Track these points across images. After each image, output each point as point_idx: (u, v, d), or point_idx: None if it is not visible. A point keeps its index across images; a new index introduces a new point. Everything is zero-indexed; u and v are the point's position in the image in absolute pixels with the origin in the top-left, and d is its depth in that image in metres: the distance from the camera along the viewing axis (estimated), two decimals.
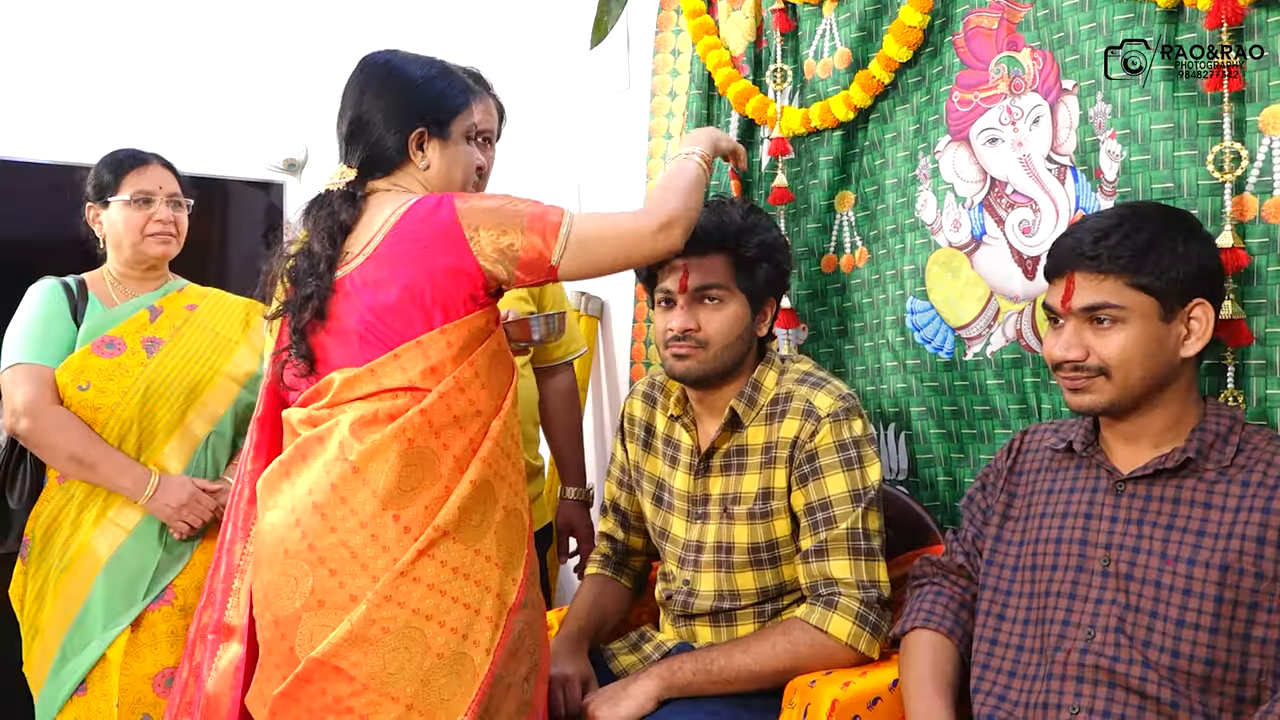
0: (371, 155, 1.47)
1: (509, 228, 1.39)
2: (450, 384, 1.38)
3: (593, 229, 1.41)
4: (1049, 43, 1.64)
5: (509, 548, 1.40)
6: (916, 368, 1.86)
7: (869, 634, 1.51)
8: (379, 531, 1.33)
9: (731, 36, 2.18)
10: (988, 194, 1.75)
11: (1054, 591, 1.31)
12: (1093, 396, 1.29)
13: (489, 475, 1.39)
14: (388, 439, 1.35)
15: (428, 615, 1.33)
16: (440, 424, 1.37)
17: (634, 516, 1.84)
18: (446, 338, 1.38)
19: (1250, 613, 1.18)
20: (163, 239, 2.00)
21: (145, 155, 2.03)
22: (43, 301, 1.97)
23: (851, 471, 1.57)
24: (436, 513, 1.35)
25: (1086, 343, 1.28)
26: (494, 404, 1.42)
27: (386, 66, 1.50)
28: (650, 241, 1.41)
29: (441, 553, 1.34)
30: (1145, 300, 1.25)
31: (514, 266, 1.40)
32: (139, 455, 1.94)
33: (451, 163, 1.50)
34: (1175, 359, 1.27)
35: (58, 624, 1.89)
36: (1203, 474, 1.26)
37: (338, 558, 1.33)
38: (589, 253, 1.40)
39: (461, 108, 1.51)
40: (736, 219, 1.62)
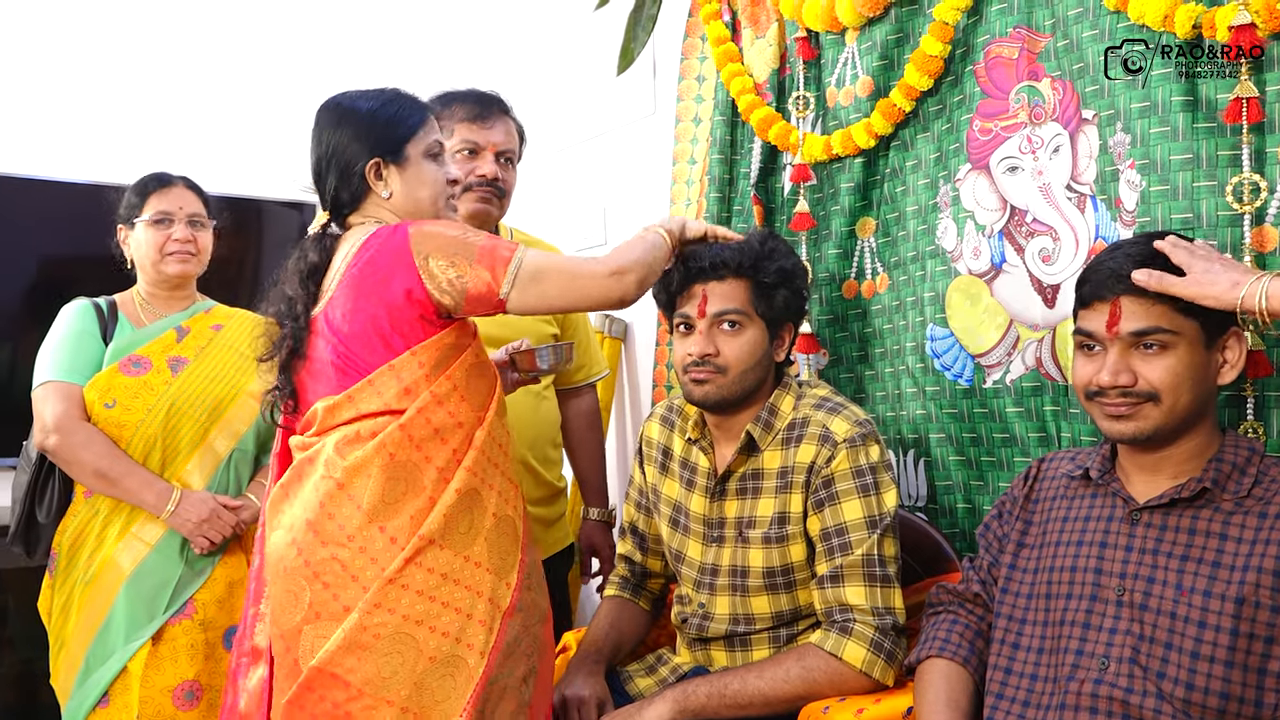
0: (336, 194, 1.51)
1: (459, 259, 1.40)
2: (427, 398, 1.41)
3: (545, 265, 1.42)
4: (1069, 73, 1.65)
5: (500, 553, 1.43)
6: (936, 394, 1.86)
7: (884, 661, 1.50)
8: (366, 544, 1.38)
9: (755, 64, 2.20)
10: (1008, 222, 1.76)
11: (1068, 620, 1.31)
12: (1137, 424, 1.26)
13: (475, 484, 1.42)
14: (369, 455, 1.39)
15: (418, 621, 1.36)
16: (420, 437, 1.41)
17: (652, 539, 1.85)
18: (417, 359, 1.42)
19: (1266, 646, 1.17)
20: (181, 258, 2.04)
21: (170, 177, 2.08)
22: (73, 321, 2.02)
23: (868, 498, 1.57)
24: (422, 523, 1.39)
25: (1134, 368, 1.26)
26: (476, 415, 1.45)
27: (334, 107, 1.54)
28: (603, 284, 1.43)
29: (429, 560, 1.38)
30: (1193, 326, 1.24)
31: (461, 298, 1.41)
32: (163, 471, 1.97)
33: (414, 185, 1.52)
34: (1212, 387, 1.27)
35: (82, 636, 1.93)
36: (1219, 505, 1.25)
37: (330, 571, 1.38)
38: (540, 286, 1.41)
39: (414, 129, 1.52)
40: (755, 245, 1.63)
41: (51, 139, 2.93)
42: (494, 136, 2.03)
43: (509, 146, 2.05)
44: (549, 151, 2.97)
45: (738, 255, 1.61)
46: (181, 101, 3.14)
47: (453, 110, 2.01)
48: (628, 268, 1.43)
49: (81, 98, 3.00)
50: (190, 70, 3.17)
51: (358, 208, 1.52)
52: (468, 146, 2.01)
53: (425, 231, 1.42)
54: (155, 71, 3.11)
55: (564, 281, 1.42)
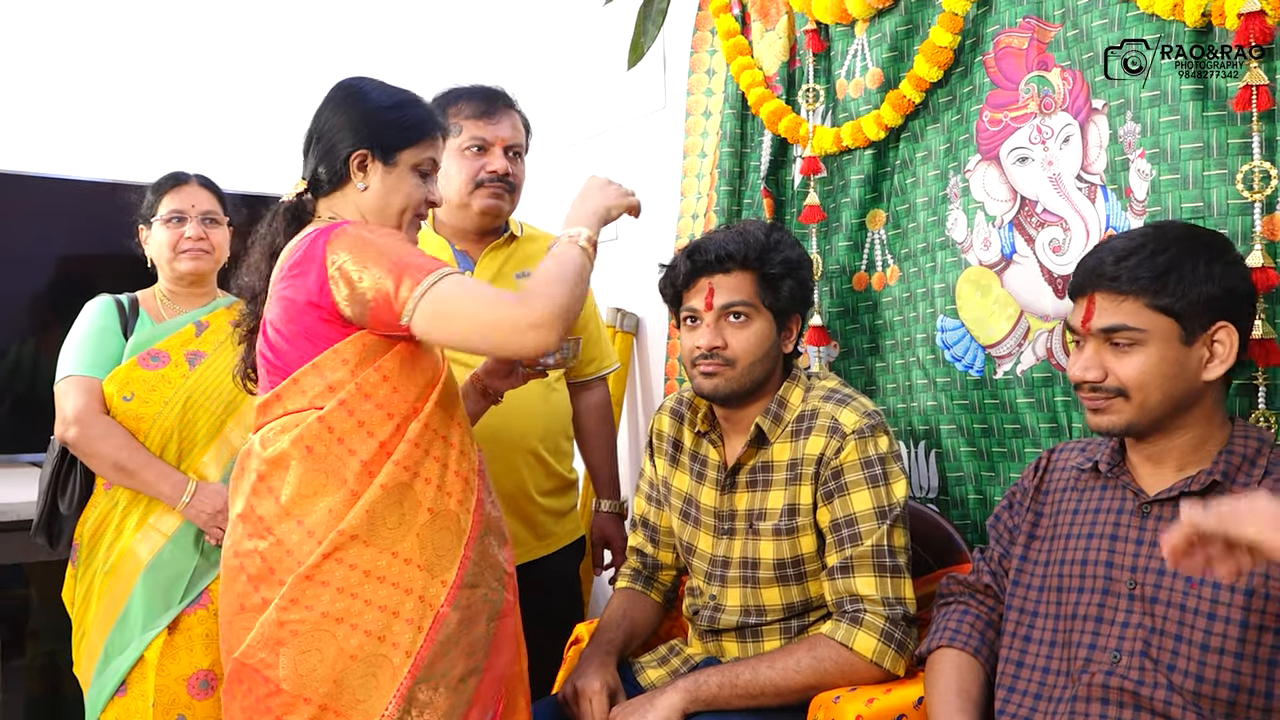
0: (316, 170, 1.49)
1: (369, 269, 1.32)
2: (351, 390, 1.37)
3: (456, 302, 1.30)
4: (1079, 62, 1.64)
5: (436, 550, 1.39)
6: (947, 385, 1.86)
7: (894, 651, 1.51)
8: (283, 537, 1.36)
9: (765, 57, 2.21)
10: (1018, 213, 1.75)
11: (1079, 614, 1.31)
12: (1111, 418, 1.28)
13: (405, 478, 1.37)
14: (286, 449, 1.37)
15: (337, 618, 1.33)
16: (343, 430, 1.36)
17: (663, 531, 1.86)
18: (340, 355, 1.38)
19: (1276, 638, 1.17)
20: (193, 255, 2.07)
21: (184, 176, 2.11)
22: (95, 317, 2.06)
23: (877, 488, 1.57)
24: (342, 517, 1.35)
25: (1105, 363, 1.27)
26: (410, 406, 1.39)
27: (350, 87, 1.51)
28: (519, 336, 1.29)
29: (351, 556, 1.34)
30: (1165, 323, 1.24)
31: (365, 313, 1.34)
32: (179, 463, 2.00)
33: (391, 190, 1.47)
34: (1197, 382, 1.26)
35: (101, 625, 1.96)
36: (1229, 496, 1.24)
37: (253, 564, 1.37)
38: (446, 323, 1.31)
39: (416, 139, 1.48)
40: (760, 237, 1.63)
41: (72, 138, 2.97)
42: (501, 131, 2.04)
43: (516, 140, 2.07)
44: (560, 145, 2.98)
45: (743, 248, 1.62)
46: (200, 99, 3.17)
47: (459, 107, 2.02)
48: (552, 318, 1.29)
49: (101, 97, 3.03)
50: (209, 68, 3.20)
51: (330, 194, 1.49)
52: (476, 143, 2.02)
53: (348, 235, 1.36)
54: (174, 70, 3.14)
55: (473, 325, 1.30)
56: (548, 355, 1.63)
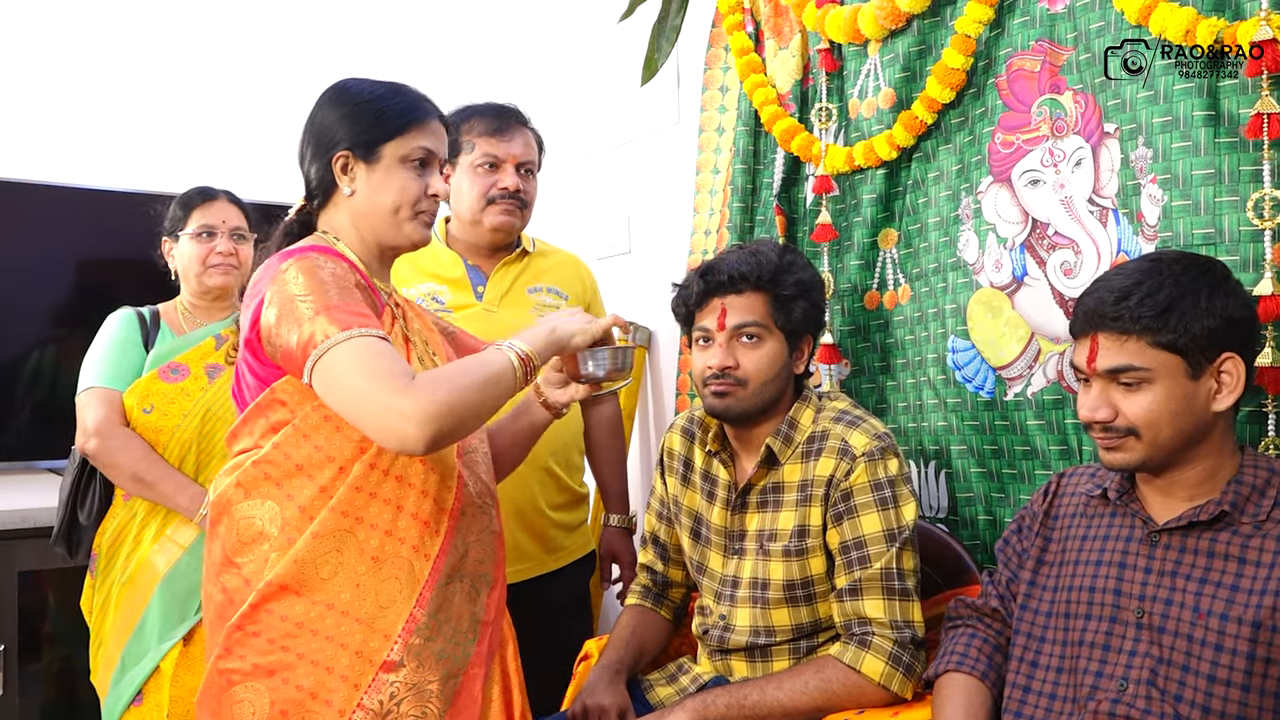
0: (307, 181, 1.43)
1: (288, 316, 1.25)
2: (289, 432, 1.30)
3: (341, 372, 1.20)
4: (1091, 86, 1.65)
5: (380, 600, 1.28)
6: (957, 406, 1.87)
7: (901, 674, 1.51)
8: (227, 583, 1.31)
9: (778, 75, 2.21)
10: (1029, 235, 1.76)
11: (1087, 641, 1.31)
12: (1124, 455, 1.27)
13: (345, 525, 1.28)
14: (228, 493, 1.32)
15: (269, 670, 1.26)
16: (280, 474, 1.29)
17: (673, 549, 1.86)
18: (277, 395, 1.31)
19: None
20: (223, 270, 2.10)
21: (214, 191, 2.14)
22: (117, 330, 2.09)
23: (886, 511, 1.57)
24: (275, 564, 1.27)
25: (1114, 403, 1.26)
26: (355, 447, 1.30)
27: (332, 89, 1.44)
28: (388, 427, 1.17)
29: (281, 607, 1.26)
30: (1170, 359, 1.23)
31: (280, 356, 1.28)
32: (197, 475, 2.02)
33: (378, 189, 1.38)
34: (1207, 415, 1.25)
35: (119, 635, 1.98)
36: (1238, 527, 1.24)
37: (208, 607, 1.35)
38: (330, 392, 1.22)
39: (398, 130, 1.38)
40: (773, 258, 1.64)
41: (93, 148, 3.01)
42: (514, 149, 2.06)
43: (529, 158, 2.08)
44: (574, 160, 3.00)
45: (756, 268, 1.62)
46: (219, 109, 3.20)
47: (472, 124, 2.04)
48: (425, 418, 1.16)
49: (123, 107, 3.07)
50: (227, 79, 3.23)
51: (325, 202, 1.43)
52: (488, 160, 2.04)
53: (286, 275, 1.28)
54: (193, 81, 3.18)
55: (345, 401, 1.21)
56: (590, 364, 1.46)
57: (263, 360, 1.31)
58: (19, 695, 2.70)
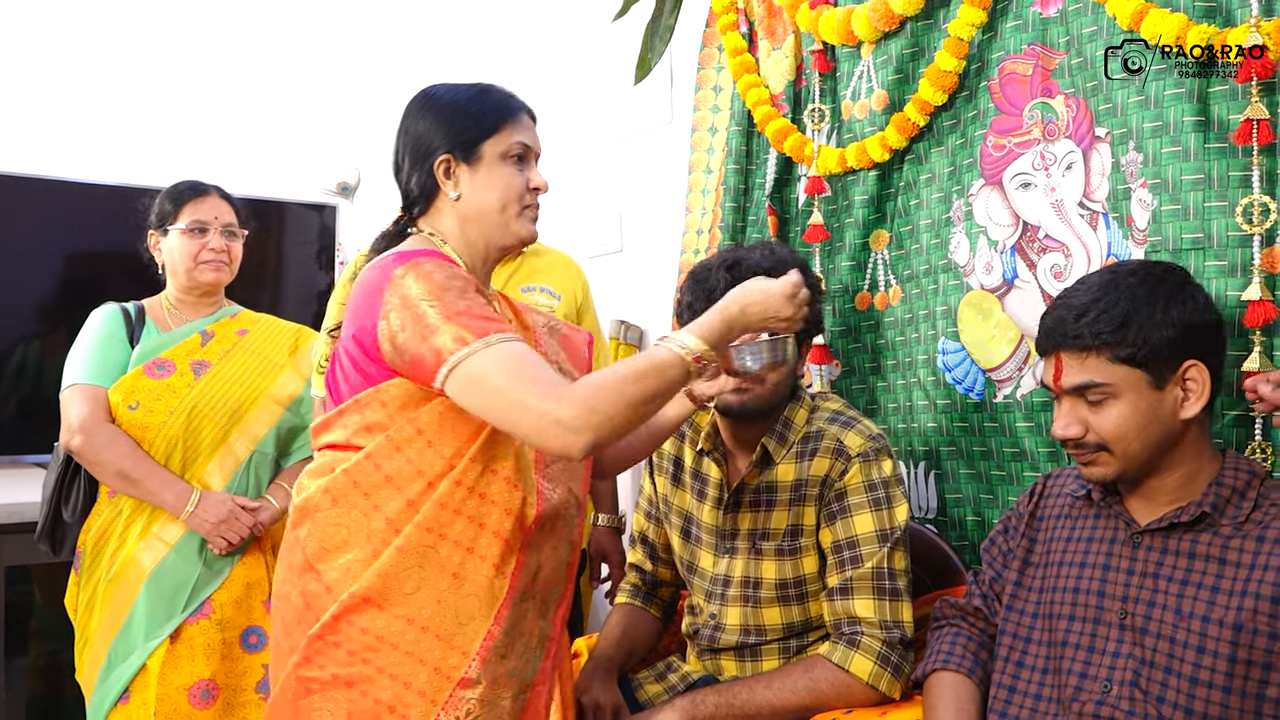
0: (406, 191, 1.43)
1: (416, 321, 1.24)
2: (382, 442, 1.29)
3: (491, 377, 1.20)
4: (1083, 90, 1.65)
5: (459, 618, 1.28)
6: (947, 408, 1.87)
7: (890, 674, 1.52)
8: (306, 588, 1.30)
9: (771, 75, 2.22)
10: (1020, 238, 1.77)
11: (1070, 642, 1.32)
12: (1100, 469, 1.29)
13: (429, 541, 1.28)
14: (315, 498, 1.31)
15: (348, 682, 1.26)
16: (370, 485, 1.29)
17: (662, 548, 1.87)
18: (381, 396, 1.30)
19: (1264, 673, 1.18)
20: (215, 266, 2.09)
21: (205, 186, 2.13)
22: (101, 326, 2.07)
23: (879, 511, 1.58)
24: (359, 575, 1.27)
25: (1083, 419, 1.27)
26: (445, 463, 1.29)
27: (422, 96, 1.45)
28: (539, 432, 1.18)
29: (363, 620, 1.26)
30: (1132, 373, 1.24)
31: (405, 365, 1.27)
32: (183, 473, 2.01)
33: (484, 187, 1.39)
34: (1175, 423, 1.26)
35: (105, 633, 1.97)
36: (1218, 528, 1.25)
37: (282, 612, 1.34)
38: (477, 395, 1.21)
39: (494, 129, 1.39)
40: (789, 260, 1.64)
41: (79, 141, 2.99)
42: None
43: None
44: (567, 159, 3.00)
45: (775, 268, 1.59)
46: (206, 104, 3.19)
47: None
48: (580, 426, 1.16)
49: (108, 101, 3.05)
50: (215, 73, 3.22)
51: (427, 208, 1.41)
52: None
53: (408, 278, 1.27)
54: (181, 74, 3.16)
55: (501, 407, 1.19)
56: (747, 358, 1.38)
57: (376, 360, 1.30)
58: (4, 690, 2.69)
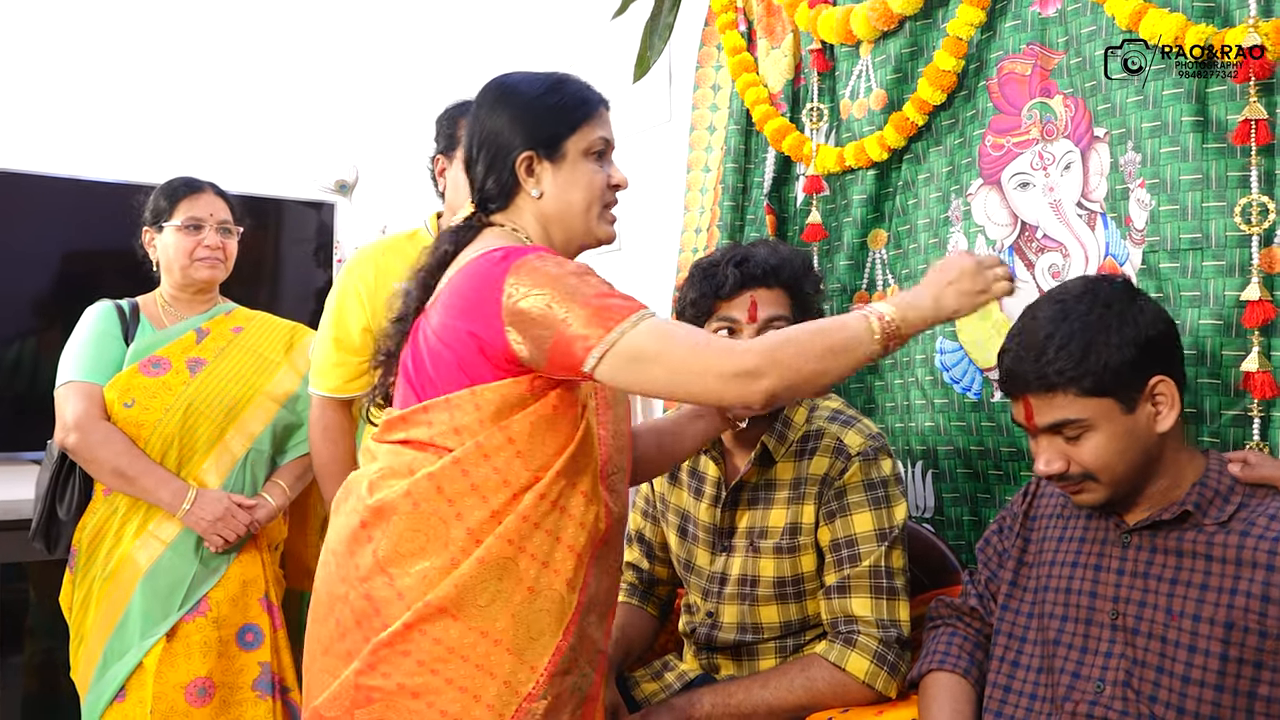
0: (483, 187, 1.37)
1: (553, 308, 1.20)
2: (471, 448, 1.26)
3: (656, 346, 1.18)
4: (1081, 90, 1.65)
5: (531, 632, 1.26)
6: (945, 407, 1.87)
7: (886, 673, 1.52)
8: (373, 592, 1.26)
9: (770, 74, 2.22)
10: (1018, 237, 1.77)
11: (1064, 642, 1.32)
12: (1089, 496, 1.29)
13: (509, 553, 1.25)
14: (394, 499, 1.27)
15: (414, 693, 1.23)
16: (454, 491, 1.26)
17: (658, 547, 1.87)
18: (475, 400, 1.26)
19: (1255, 671, 1.18)
20: (210, 263, 2.08)
21: (200, 183, 2.12)
22: (96, 323, 2.07)
23: (878, 510, 1.58)
24: (436, 584, 1.24)
25: (1063, 453, 1.27)
26: (530, 475, 1.27)
27: (496, 88, 1.39)
28: (719, 385, 1.17)
29: (437, 629, 1.23)
30: (1102, 403, 1.24)
31: (543, 356, 1.23)
32: (179, 470, 2.01)
33: (567, 185, 1.34)
34: (1153, 439, 1.26)
35: (100, 631, 1.97)
36: (1203, 526, 1.26)
37: (340, 610, 1.29)
38: (640, 368, 1.19)
39: (577, 124, 1.35)
40: (796, 257, 1.66)
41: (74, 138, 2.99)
42: None
43: None
44: None
45: (785, 266, 1.63)
46: (203, 101, 3.18)
47: None
48: (764, 370, 1.16)
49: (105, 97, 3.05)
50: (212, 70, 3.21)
51: (506, 205, 1.37)
52: None
53: (532, 267, 1.23)
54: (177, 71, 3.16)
55: (670, 374, 1.18)
56: None
57: (489, 357, 1.25)
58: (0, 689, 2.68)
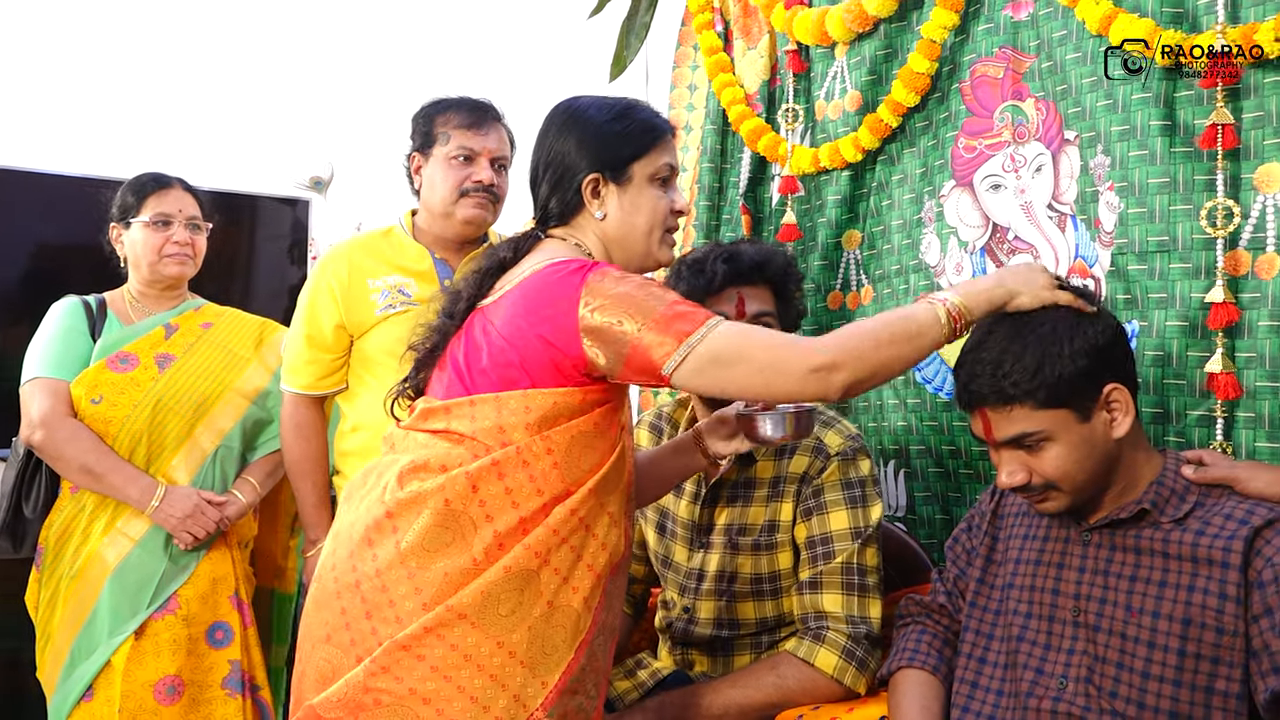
0: (546, 205, 1.40)
1: (631, 317, 1.23)
2: (511, 452, 1.26)
3: (734, 349, 1.23)
4: (1052, 94, 1.68)
5: (545, 647, 1.26)
6: (917, 407, 1.89)
7: (855, 668, 1.53)
8: (390, 583, 1.25)
9: (746, 75, 2.23)
10: (990, 239, 1.79)
11: (1027, 639, 1.34)
12: (1053, 504, 1.31)
13: (534, 564, 1.25)
14: (426, 493, 1.26)
15: (425, 699, 1.22)
16: (488, 493, 1.26)
17: (636, 544, 1.87)
18: (526, 402, 1.27)
19: (1213, 666, 1.20)
20: (179, 260, 2.06)
21: (168, 179, 2.10)
22: (62, 319, 2.04)
23: (855, 509, 1.60)
24: (456, 585, 1.24)
25: (1025, 464, 1.29)
26: (564, 488, 1.28)
27: (565, 110, 1.42)
28: (798, 382, 1.22)
29: (454, 635, 1.23)
30: (1058, 414, 1.26)
31: (619, 362, 1.25)
32: (148, 467, 1.99)
33: (632, 210, 1.37)
34: (1110, 445, 1.28)
35: (67, 630, 1.94)
36: (1160, 524, 1.28)
37: (349, 599, 1.28)
38: (720, 371, 1.23)
39: (645, 149, 1.38)
40: (780, 255, 1.69)
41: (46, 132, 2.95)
42: (489, 143, 2.05)
43: (503, 153, 2.08)
44: None
45: (771, 262, 1.66)
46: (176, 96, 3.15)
47: (448, 117, 2.03)
48: (841, 364, 1.21)
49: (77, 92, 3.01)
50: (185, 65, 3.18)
51: (567, 223, 1.39)
52: (464, 153, 2.03)
53: (606, 281, 1.26)
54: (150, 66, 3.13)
55: (751, 374, 1.23)
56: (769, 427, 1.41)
57: (557, 362, 1.27)
58: None
